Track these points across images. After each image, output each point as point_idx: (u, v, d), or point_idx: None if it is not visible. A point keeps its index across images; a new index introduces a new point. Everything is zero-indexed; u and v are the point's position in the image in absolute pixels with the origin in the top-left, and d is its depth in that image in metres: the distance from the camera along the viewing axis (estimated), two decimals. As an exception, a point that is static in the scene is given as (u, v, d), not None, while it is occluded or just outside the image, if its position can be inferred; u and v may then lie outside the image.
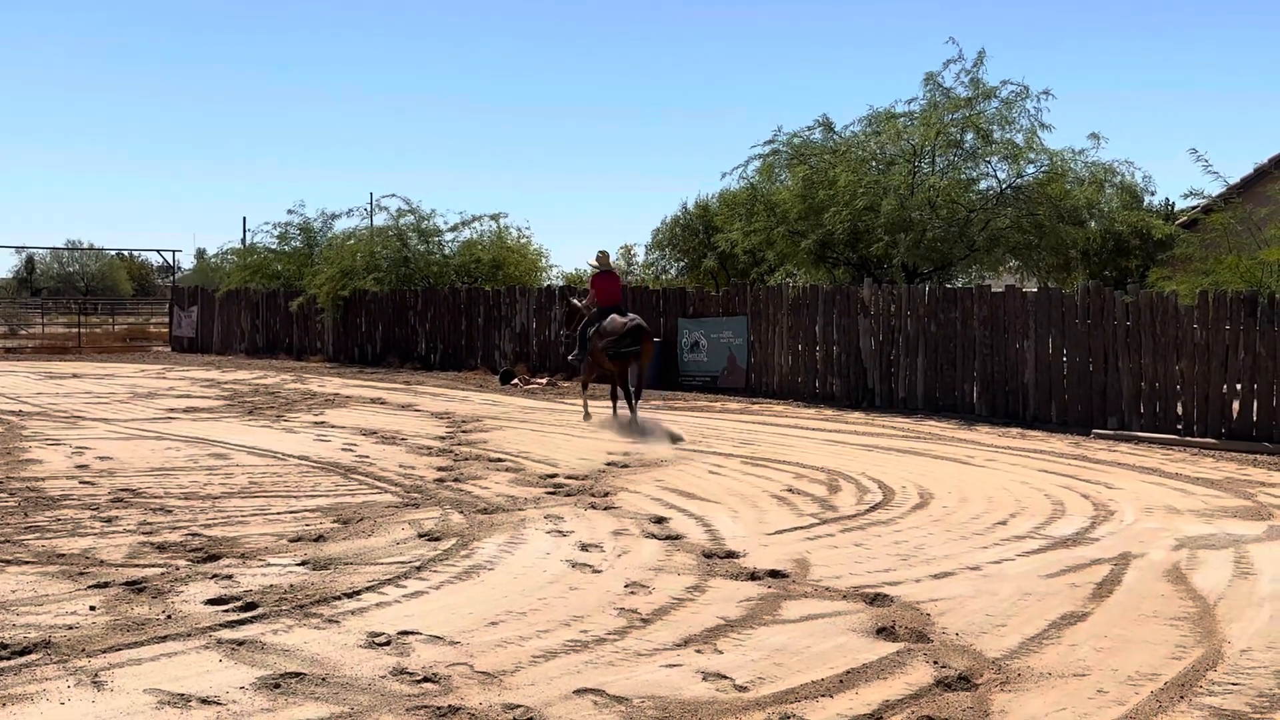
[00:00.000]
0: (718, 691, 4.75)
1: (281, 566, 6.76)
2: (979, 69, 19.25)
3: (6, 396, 18.06)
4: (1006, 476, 10.64)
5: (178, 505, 8.67)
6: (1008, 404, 15.82)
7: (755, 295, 19.49)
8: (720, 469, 10.94)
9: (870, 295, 17.59)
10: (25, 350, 33.89)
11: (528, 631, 5.54)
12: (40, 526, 7.80)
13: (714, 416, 15.94)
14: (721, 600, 6.15)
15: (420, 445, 12.48)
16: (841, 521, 8.43)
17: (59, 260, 69.32)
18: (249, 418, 15.27)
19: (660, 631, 5.57)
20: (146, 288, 72.89)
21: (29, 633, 5.35)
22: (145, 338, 38.49)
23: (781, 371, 18.88)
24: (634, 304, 21.54)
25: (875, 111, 20.69)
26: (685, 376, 20.32)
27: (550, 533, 7.90)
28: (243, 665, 4.96)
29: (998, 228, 18.88)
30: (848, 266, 21.25)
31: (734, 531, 8.02)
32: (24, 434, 13.00)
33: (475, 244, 28.56)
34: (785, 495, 9.51)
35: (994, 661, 5.17)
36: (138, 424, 14.27)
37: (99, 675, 4.79)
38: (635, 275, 37.57)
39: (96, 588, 6.19)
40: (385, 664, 5.02)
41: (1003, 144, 19.23)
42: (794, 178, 20.47)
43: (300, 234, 31.31)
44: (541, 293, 24.05)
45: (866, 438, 13.54)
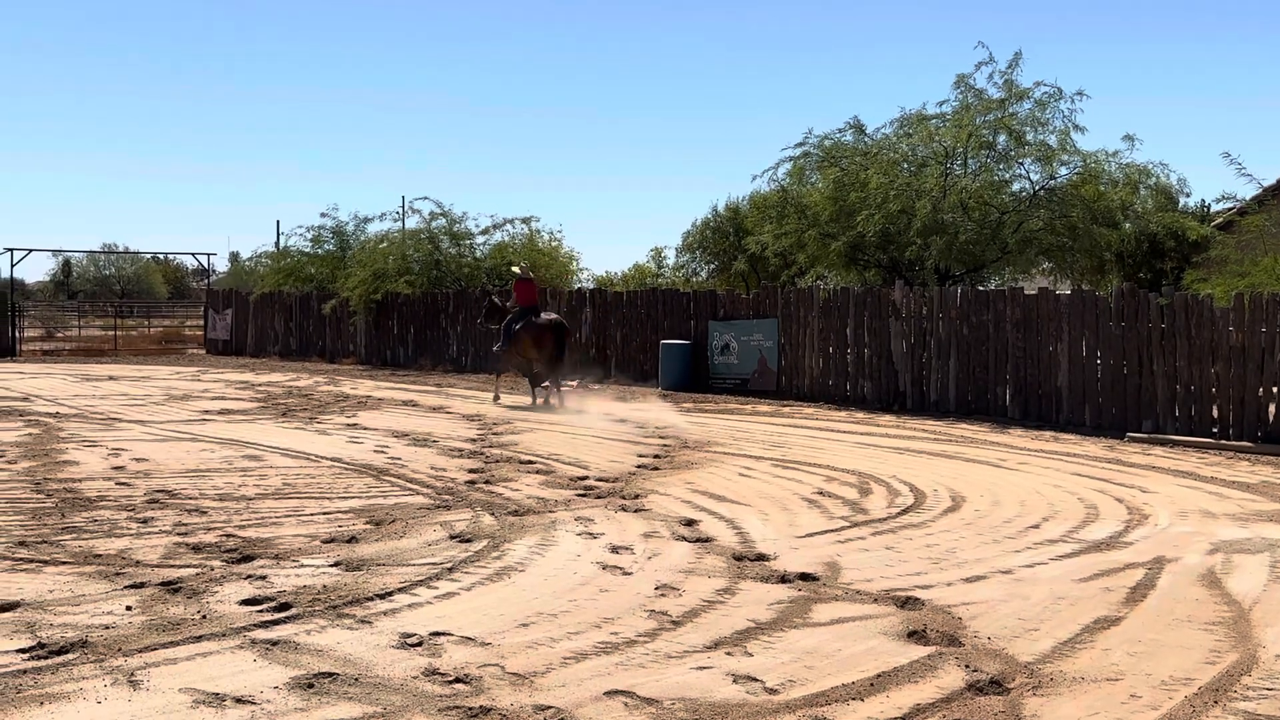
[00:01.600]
0: (748, 694, 4.75)
1: (315, 567, 6.81)
2: (1014, 70, 19.16)
3: (44, 398, 18.27)
4: (1039, 480, 10.58)
5: (212, 506, 8.75)
6: (1041, 407, 15.72)
7: (786, 297, 19.47)
8: (751, 471, 10.93)
9: (902, 297, 17.53)
10: (62, 352, 34.27)
11: (558, 633, 5.56)
12: (77, 527, 7.89)
13: (744, 419, 15.93)
14: (752, 603, 6.15)
15: (452, 447, 12.54)
16: (873, 524, 8.40)
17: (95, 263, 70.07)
18: (283, 420, 15.38)
19: (691, 634, 5.57)
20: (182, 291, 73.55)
21: (66, 632, 5.42)
22: (180, 340, 38.84)
23: (812, 374, 18.84)
24: (663, 306, 21.61)
25: (906, 113, 20.64)
26: (715, 379, 20.31)
27: (581, 535, 7.92)
28: (276, 665, 5.01)
29: (1031, 230, 18.75)
30: (879, 269, 21.17)
31: (764, 534, 8.01)
32: (61, 436, 13.15)
33: (507, 247, 28.65)
34: (816, 498, 9.50)
35: (1026, 665, 5.15)
36: (173, 426, 14.41)
37: (135, 674, 4.85)
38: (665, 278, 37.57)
39: (133, 588, 6.26)
40: (417, 664, 5.05)
41: (1036, 146, 19.12)
42: (825, 180, 20.42)
43: (333, 237, 31.51)
44: (573, 295, 24.10)
45: (898, 440, 13.49)
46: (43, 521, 8.06)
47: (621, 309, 22.63)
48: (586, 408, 17.19)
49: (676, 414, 16.46)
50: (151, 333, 41.06)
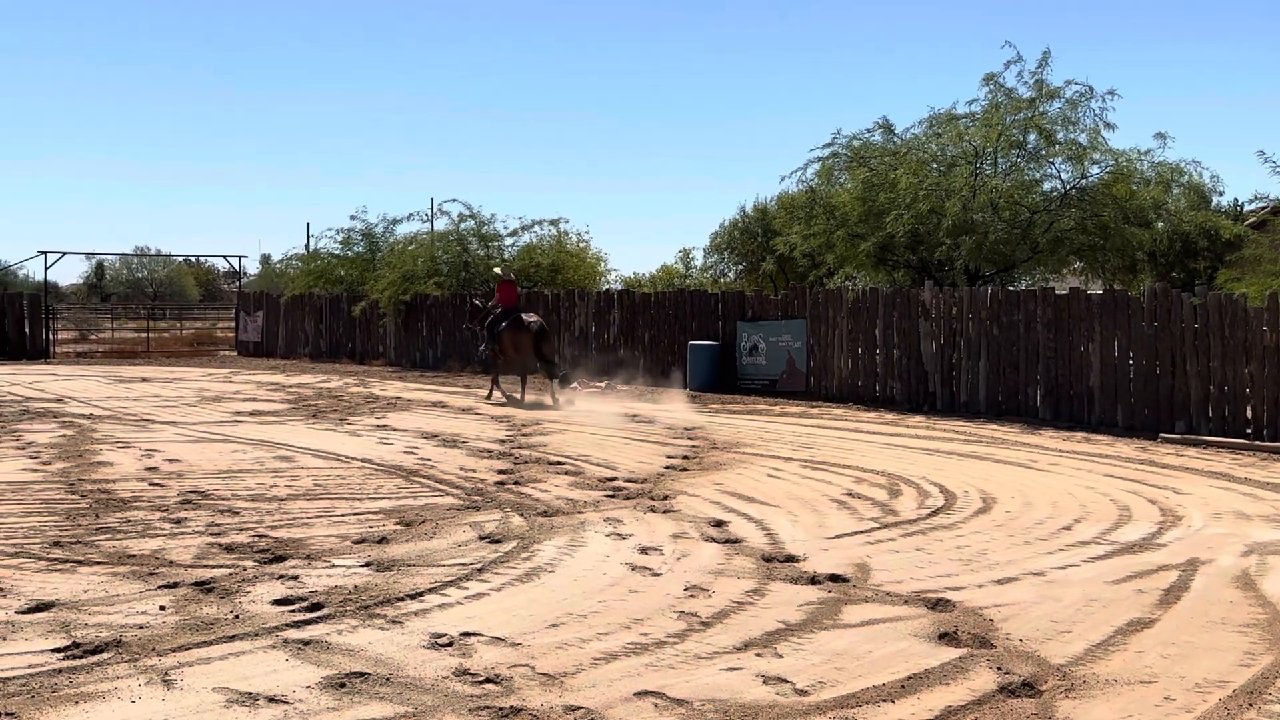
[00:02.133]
0: (778, 695, 4.74)
1: (346, 568, 6.85)
2: (1044, 70, 19.04)
3: (78, 400, 18.45)
4: (1071, 481, 10.51)
5: (245, 507, 8.81)
6: (1072, 408, 15.61)
7: (814, 298, 19.42)
8: (779, 473, 10.91)
9: (931, 298, 17.45)
10: (96, 354, 34.61)
11: (588, 633, 5.57)
12: (111, 528, 7.97)
13: (773, 420, 15.90)
14: (781, 604, 6.14)
15: (481, 448, 12.58)
16: (902, 526, 8.37)
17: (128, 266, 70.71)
18: (313, 421, 15.47)
19: (720, 635, 5.57)
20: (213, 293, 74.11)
21: (101, 632, 5.47)
22: (212, 342, 39.16)
23: (841, 375, 18.79)
24: (691, 307, 21.62)
25: (936, 113, 20.55)
26: (744, 380, 20.29)
27: (610, 535, 7.93)
28: (309, 665, 5.04)
29: (1062, 229, 18.62)
30: (908, 269, 21.09)
31: (794, 535, 7.99)
32: (95, 437, 13.28)
33: (535, 248, 28.71)
34: (845, 499, 9.47)
35: (1059, 668, 5.11)
36: (205, 427, 14.52)
37: (169, 674, 4.89)
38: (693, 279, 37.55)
39: (166, 588, 6.32)
40: (448, 664, 5.07)
41: (1066, 144, 18.99)
42: (854, 180, 20.35)
43: (363, 239, 31.69)
44: (601, 296, 24.13)
45: (927, 442, 13.43)
46: (77, 522, 8.14)
47: (649, 310, 22.64)
48: (614, 408, 17.20)
49: (704, 415, 16.46)
50: (183, 334, 41.44)
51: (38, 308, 32.91)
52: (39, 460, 11.24)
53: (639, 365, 22.22)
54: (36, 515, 8.37)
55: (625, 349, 22.71)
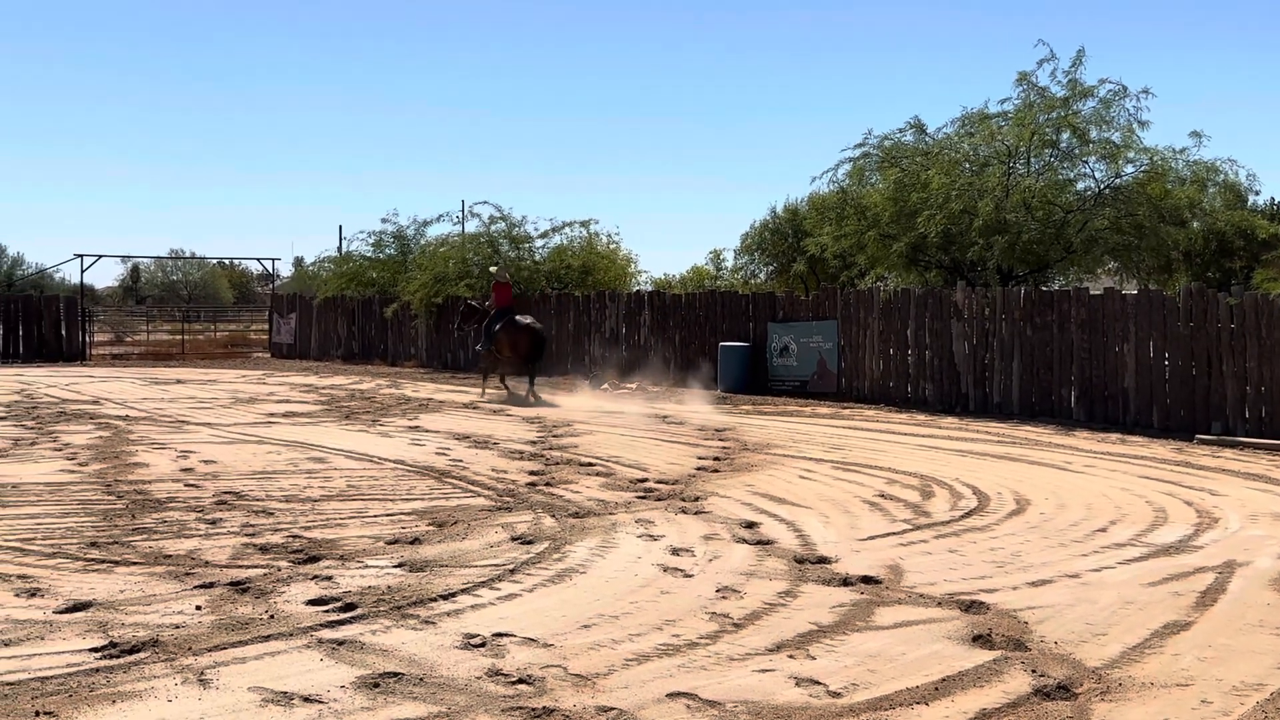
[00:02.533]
0: (811, 697, 4.73)
1: (379, 568, 6.89)
2: (1077, 68, 18.91)
3: (114, 401, 18.64)
4: (1106, 483, 10.42)
5: (279, 508, 8.88)
6: (1107, 409, 15.49)
7: (846, 299, 19.36)
8: (811, 474, 10.88)
9: (964, 298, 17.36)
10: (131, 356, 34.94)
11: (620, 635, 5.58)
12: (147, 528, 8.04)
13: (804, 421, 15.86)
14: (814, 606, 6.12)
15: (512, 449, 12.61)
16: (935, 528, 8.33)
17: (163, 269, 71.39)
18: (346, 422, 15.56)
19: (752, 636, 5.56)
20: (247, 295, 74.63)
21: (138, 631, 5.52)
22: (246, 344, 39.45)
23: (873, 376, 18.72)
24: (722, 308, 21.61)
25: (968, 113, 20.45)
26: (775, 381, 20.25)
27: (641, 537, 7.93)
28: (343, 664, 5.07)
29: (1096, 229, 18.48)
30: (940, 269, 20.99)
31: (826, 537, 7.97)
32: (131, 438, 13.41)
33: (565, 250, 28.74)
34: (877, 501, 9.43)
35: (1094, 671, 5.07)
36: (239, 428, 14.63)
37: (205, 673, 4.93)
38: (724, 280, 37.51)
39: (202, 588, 6.37)
40: (481, 665, 5.09)
41: (1100, 144, 18.85)
42: (885, 180, 20.28)
43: (394, 241, 31.84)
44: (631, 298, 24.14)
45: (960, 443, 13.36)
46: (114, 523, 8.22)
47: (680, 311, 22.63)
48: (645, 409, 17.20)
49: (735, 416, 16.44)
50: (217, 337, 41.76)
51: (74, 310, 33.27)
52: (76, 461, 11.36)
53: (669, 366, 22.21)
54: (74, 516, 8.46)
55: (656, 350, 22.71)
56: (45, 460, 11.48)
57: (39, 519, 8.32)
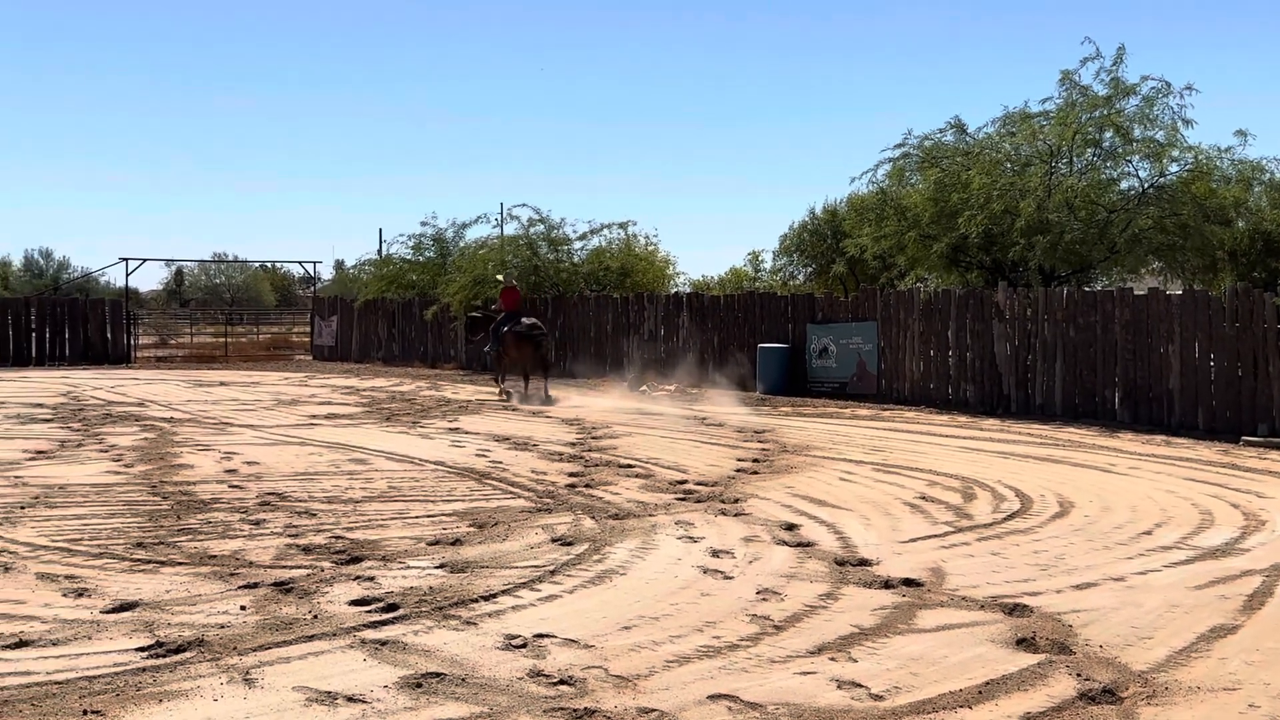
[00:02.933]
0: (853, 700, 4.71)
1: (421, 569, 6.93)
2: (1119, 67, 18.72)
3: (159, 403, 18.86)
4: (1151, 485, 10.31)
5: (321, 509, 8.95)
6: (1151, 410, 15.32)
7: (885, 300, 19.26)
8: (851, 476, 10.83)
9: (1005, 299, 17.22)
10: (175, 359, 35.33)
11: (661, 636, 5.57)
12: (192, 529, 8.13)
13: (844, 423, 15.79)
14: (855, 608, 6.09)
15: (551, 451, 12.64)
16: (977, 530, 8.27)
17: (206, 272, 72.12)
18: (387, 424, 15.66)
19: (793, 639, 5.54)
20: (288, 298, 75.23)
21: (183, 631, 5.58)
22: (288, 346, 39.78)
23: (913, 377, 18.61)
24: (760, 309, 21.57)
25: (1009, 112, 20.29)
26: (814, 383, 20.17)
27: (681, 538, 7.92)
28: (386, 665, 5.10)
29: (1140, 228, 18.26)
30: (981, 270, 20.84)
31: (866, 539, 7.93)
32: (175, 440, 13.56)
33: (604, 252, 28.77)
34: (918, 503, 9.38)
35: (1140, 674, 5.02)
36: (282, 430, 14.76)
37: (250, 673, 4.98)
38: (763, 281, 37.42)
39: (246, 588, 6.43)
40: (522, 666, 5.11)
41: (1144, 142, 18.64)
42: (925, 181, 20.17)
43: (433, 244, 31.99)
44: (669, 299, 24.13)
45: (1002, 445, 13.26)
46: (159, 523, 8.32)
47: (718, 313, 22.59)
48: (683, 411, 17.19)
49: (774, 417, 16.40)
50: (260, 339, 42.14)
51: (119, 313, 33.70)
52: (122, 463, 11.51)
53: (708, 368, 22.17)
54: (120, 516, 8.57)
55: (694, 352, 22.68)
56: (92, 462, 11.63)
57: (86, 520, 8.44)
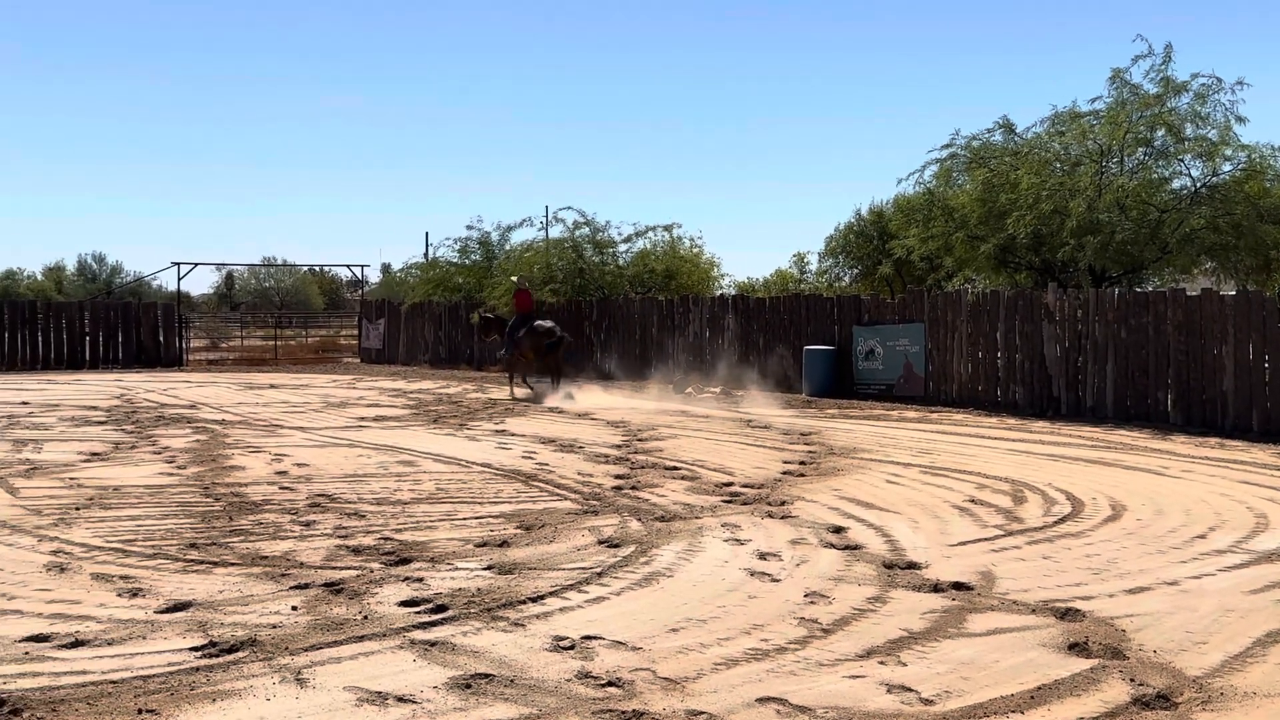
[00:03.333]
0: (903, 704, 4.68)
1: (469, 570, 6.96)
2: (1168, 65, 18.50)
3: (210, 406, 19.09)
4: (1205, 488, 10.16)
5: (370, 510, 9.02)
6: (1205, 412, 15.10)
7: (933, 301, 19.13)
8: (899, 478, 10.76)
9: (1055, 300, 17.05)
10: (226, 362, 35.77)
11: (708, 639, 5.57)
12: (244, 530, 8.22)
13: (891, 425, 15.70)
14: (904, 612, 6.05)
15: (597, 453, 12.66)
16: (1028, 533, 8.19)
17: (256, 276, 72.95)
18: (434, 426, 15.76)
19: (842, 642, 5.52)
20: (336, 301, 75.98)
21: (236, 631, 5.64)
22: (336, 349, 40.17)
23: (961, 379, 18.47)
24: (806, 311, 21.49)
25: (1058, 111, 20.13)
26: (860, 385, 20.08)
27: (728, 541, 7.91)
28: (435, 665, 5.13)
29: (1192, 228, 18.02)
30: (1030, 271, 20.65)
31: (915, 542, 7.88)
32: (227, 442, 13.72)
33: (649, 254, 28.81)
34: (967, 506, 9.30)
35: (1195, 680, 4.95)
36: (331, 432, 14.90)
37: (302, 673, 5.02)
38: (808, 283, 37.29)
39: (297, 588, 6.50)
40: (570, 667, 5.12)
41: (1196, 141, 18.40)
42: (973, 181, 20.03)
43: (479, 247, 32.17)
44: (714, 301, 24.11)
45: (1052, 447, 13.12)
46: (211, 524, 8.42)
47: (764, 315, 22.54)
48: (729, 413, 17.16)
49: (820, 420, 16.33)
50: (309, 342, 42.57)
51: (171, 317, 34.18)
52: (174, 465, 11.66)
53: (753, 370, 22.14)
54: (173, 518, 8.68)
55: (739, 354, 22.66)
56: (145, 463, 11.80)
57: (140, 521, 8.56)
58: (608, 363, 25.84)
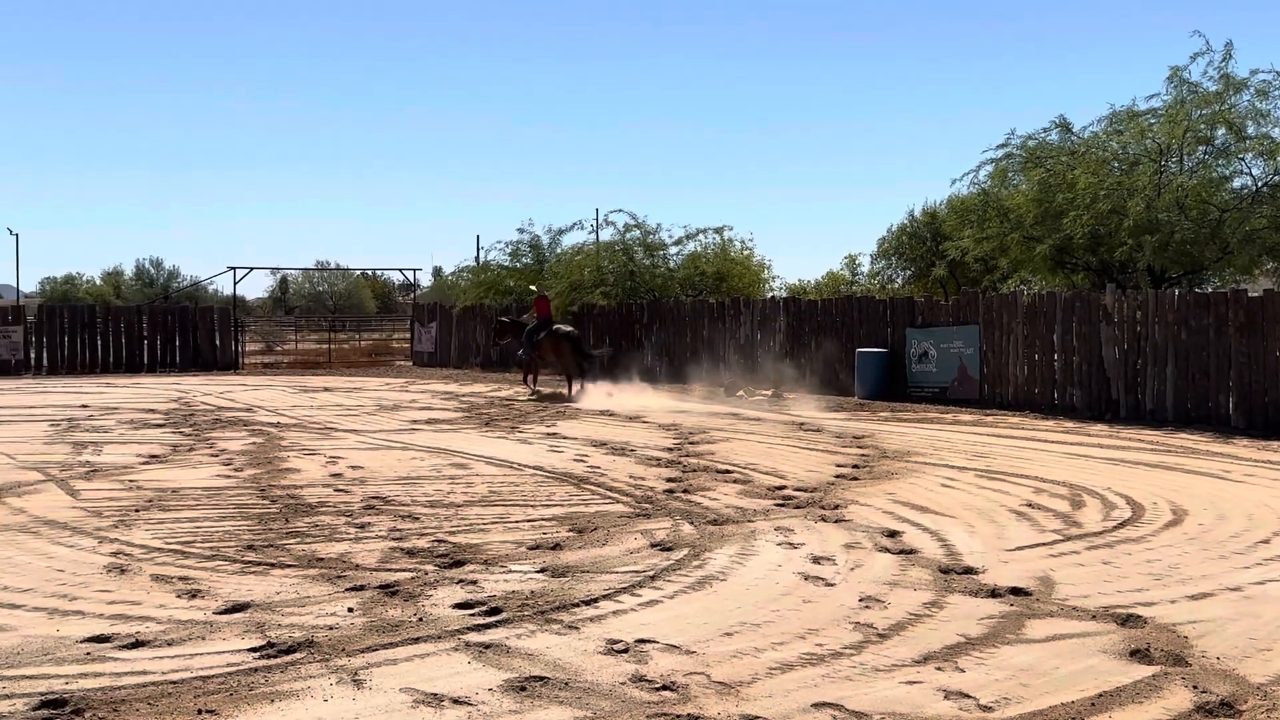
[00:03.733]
0: (960, 710, 4.63)
1: (522, 573, 6.99)
2: (1228, 63, 18.20)
3: (266, 409, 19.32)
4: (1268, 492, 9.98)
5: (424, 513, 9.08)
6: (1268, 416, 14.83)
7: (988, 303, 18.95)
8: (954, 482, 10.67)
9: (1114, 301, 16.83)
10: (281, 365, 36.19)
11: (763, 643, 5.55)
12: (300, 532, 8.31)
13: (945, 429, 15.57)
14: (961, 617, 6.00)
15: (649, 456, 12.67)
16: (1087, 538, 8.09)
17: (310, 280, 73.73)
18: (486, 429, 15.84)
19: (898, 647, 5.48)
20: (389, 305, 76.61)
21: (293, 632, 5.70)
22: (388, 353, 40.50)
23: (1016, 382, 18.28)
24: (859, 314, 21.38)
25: (1116, 110, 19.89)
26: (914, 388, 19.93)
27: (781, 544, 7.88)
28: (490, 668, 5.16)
29: (1254, 228, 17.71)
30: (1087, 271, 20.41)
31: (971, 547, 7.81)
32: (282, 444, 13.88)
33: (699, 257, 28.79)
34: (1025, 510, 9.20)
35: (1259, 687, 4.86)
36: (384, 435, 15.02)
37: (358, 674, 5.07)
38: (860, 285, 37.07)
39: (353, 590, 6.56)
40: (624, 671, 5.12)
41: (1258, 139, 18.09)
42: (1029, 181, 19.83)
43: (530, 250, 32.29)
44: (766, 304, 24.05)
45: (1111, 451, 12.95)
46: (268, 526, 8.52)
47: (816, 317, 22.44)
48: (781, 416, 17.10)
49: (873, 423, 16.23)
50: (362, 346, 42.97)
51: (227, 321, 34.64)
52: (231, 467, 11.81)
53: (805, 373, 22.06)
54: (230, 520, 8.79)
55: (791, 357, 22.58)
56: (203, 466, 11.97)
57: (198, 523, 8.68)
58: (658, 365, 25.85)
